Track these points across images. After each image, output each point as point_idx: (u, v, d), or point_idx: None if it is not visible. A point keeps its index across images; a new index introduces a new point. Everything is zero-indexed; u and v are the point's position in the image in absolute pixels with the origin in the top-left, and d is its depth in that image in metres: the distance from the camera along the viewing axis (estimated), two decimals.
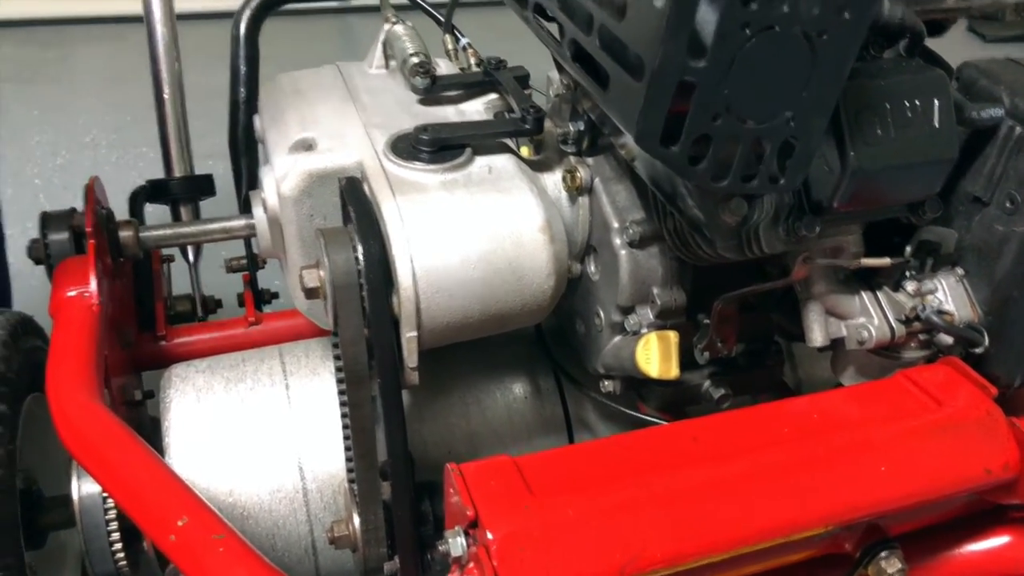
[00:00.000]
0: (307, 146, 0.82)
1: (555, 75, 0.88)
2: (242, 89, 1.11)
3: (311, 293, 0.75)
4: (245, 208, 1.12)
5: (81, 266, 0.88)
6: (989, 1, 0.75)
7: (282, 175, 0.80)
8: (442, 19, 1.06)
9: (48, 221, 0.92)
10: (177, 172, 1.09)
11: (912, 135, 0.62)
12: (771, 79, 0.53)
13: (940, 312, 0.72)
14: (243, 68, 1.10)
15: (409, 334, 0.73)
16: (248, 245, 1.13)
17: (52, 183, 2.17)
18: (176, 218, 1.12)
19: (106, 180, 1.10)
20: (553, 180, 0.85)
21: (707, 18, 0.51)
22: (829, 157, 0.62)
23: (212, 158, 1.23)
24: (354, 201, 0.75)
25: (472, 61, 1.01)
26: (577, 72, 0.63)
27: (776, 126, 0.55)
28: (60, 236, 0.91)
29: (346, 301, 0.72)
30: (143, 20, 1.12)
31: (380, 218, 0.74)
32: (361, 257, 0.71)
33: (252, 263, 1.13)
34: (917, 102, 0.61)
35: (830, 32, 0.52)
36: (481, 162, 0.80)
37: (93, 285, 0.86)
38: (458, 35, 1.05)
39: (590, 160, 0.84)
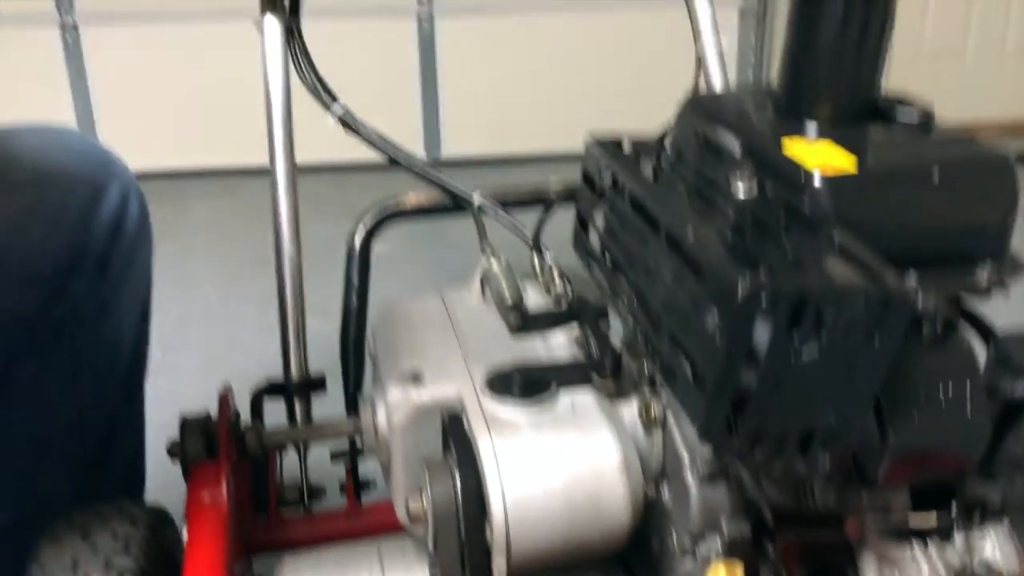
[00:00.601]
0: (415, 377, 0.95)
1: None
2: (355, 299, 1.25)
3: (414, 518, 0.86)
4: (350, 404, 1.25)
5: (214, 472, 1.01)
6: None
7: (393, 406, 0.92)
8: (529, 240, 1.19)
9: (186, 427, 1.06)
10: (294, 373, 1.23)
11: (946, 419, 0.70)
12: (816, 386, 0.63)
13: (989, 568, 0.77)
14: (356, 280, 1.25)
15: (500, 561, 0.83)
16: (352, 441, 1.25)
17: (168, 340, 2.37)
18: (291, 410, 1.25)
19: (220, 336, 1.19)
20: (630, 412, 0.95)
21: (760, 337, 0.62)
22: (872, 434, 0.71)
23: (314, 315, 1.31)
24: (455, 437, 0.87)
25: (556, 276, 1.13)
26: (648, 361, 0.74)
27: (822, 421, 0.64)
28: (196, 441, 1.05)
29: (445, 528, 0.83)
30: (253, 174, 1.24)
31: (476, 452, 0.85)
32: (459, 490, 0.82)
33: (354, 456, 1.25)
34: (950, 389, 0.70)
35: (864, 353, 0.62)
36: (565, 400, 0.91)
37: (224, 491, 0.99)
38: (545, 255, 1.18)
39: (663, 394, 0.94)
